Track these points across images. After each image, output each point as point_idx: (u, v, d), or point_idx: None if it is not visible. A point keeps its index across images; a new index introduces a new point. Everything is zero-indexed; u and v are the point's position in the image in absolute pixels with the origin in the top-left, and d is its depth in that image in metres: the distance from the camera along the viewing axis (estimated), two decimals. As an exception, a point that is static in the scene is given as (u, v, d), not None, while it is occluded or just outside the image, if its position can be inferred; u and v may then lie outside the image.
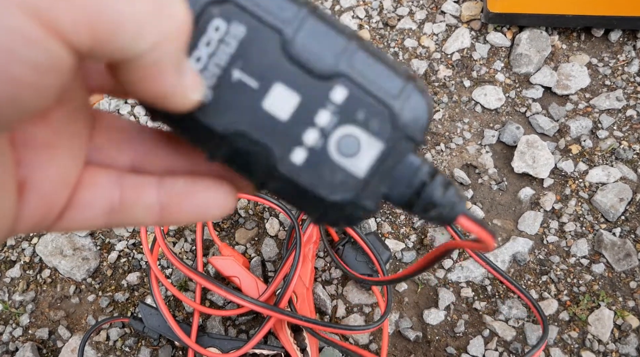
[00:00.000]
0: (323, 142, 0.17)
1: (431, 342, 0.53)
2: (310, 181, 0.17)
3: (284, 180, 0.17)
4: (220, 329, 0.54)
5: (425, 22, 0.68)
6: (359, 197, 0.17)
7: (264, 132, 0.17)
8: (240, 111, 0.17)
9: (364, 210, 0.17)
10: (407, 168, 0.17)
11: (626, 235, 0.56)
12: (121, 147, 0.20)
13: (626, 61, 0.64)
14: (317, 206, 0.17)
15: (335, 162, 0.17)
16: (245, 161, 0.17)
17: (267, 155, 0.17)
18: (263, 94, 0.16)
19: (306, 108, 0.17)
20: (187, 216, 0.19)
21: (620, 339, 0.52)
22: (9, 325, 0.55)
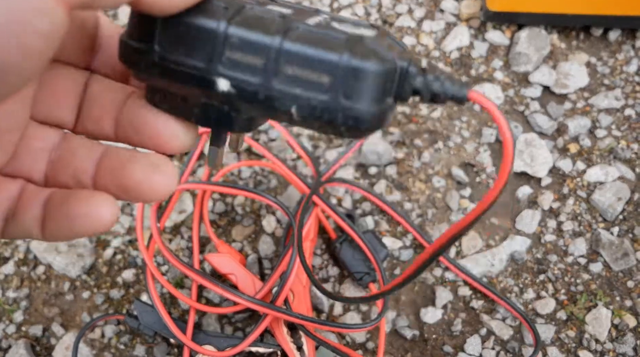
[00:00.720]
0: (328, 20, 0.18)
1: (428, 340, 0.53)
2: (330, 28, 0.17)
3: (303, 28, 0.17)
4: (217, 327, 0.53)
5: (424, 20, 0.68)
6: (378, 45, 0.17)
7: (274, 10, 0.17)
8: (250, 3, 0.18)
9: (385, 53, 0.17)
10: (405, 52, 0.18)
11: (624, 234, 0.56)
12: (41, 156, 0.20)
13: (625, 60, 0.64)
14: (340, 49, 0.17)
15: (343, 29, 0.17)
16: (260, 23, 0.17)
17: (282, 18, 0.17)
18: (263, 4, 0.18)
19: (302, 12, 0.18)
20: (59, 230, 0.18)
21: (617, 339, 0.52)
22: (2, 322, 0.55)
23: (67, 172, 0.20)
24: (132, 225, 0.58)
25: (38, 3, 0.13)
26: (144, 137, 0.19)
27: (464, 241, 0.57)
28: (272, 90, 0.17)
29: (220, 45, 0.17)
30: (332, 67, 0.17)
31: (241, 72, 0.17)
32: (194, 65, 0.17)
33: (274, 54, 0.16)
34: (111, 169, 0.19)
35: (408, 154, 0.61)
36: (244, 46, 0.17)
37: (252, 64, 0.17)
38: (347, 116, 0.17)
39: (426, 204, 0.58)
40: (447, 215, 0.58)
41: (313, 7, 0.19)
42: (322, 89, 0.17)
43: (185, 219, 0.59)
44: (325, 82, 0.17)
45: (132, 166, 0.18)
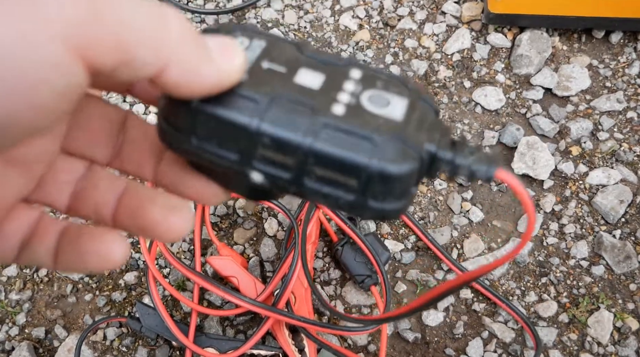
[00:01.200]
0: (356, 100, 0.18)
1: (430, 343, 0.53)
2: (356, 123, 0.17)
3: (330, 128, 0.17)
4: (218, 330, 0.53)
5: (425, 23, 0.68)
6: (406, 137, 0.17)
7: (302, 95, 0.18)
8: (277, 84, 0.18)
9: (414, 151, 0.17)
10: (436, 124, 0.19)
11: (626, 237, 0.56)
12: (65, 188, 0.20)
13: (627, 63, 0.64)
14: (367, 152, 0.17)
15: (372, 112, 0.18)
16: (288, 122, 0.17)
17: (311, 112, 0.17)
18: (292, 75, 0.18)
19: (332, 81, 0.18)
20: (72, 262, 0.19)
21: (619, 342, 0.52)
22: (5, 324, 0.55)
23: (89, 206, 0.20)
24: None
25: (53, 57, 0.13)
26: (183, 190, 0.20)
27: (466, 244, 0.57)
28: (303, 187, 0.18)
29: (254, 143, 0.17)
30: (361, 171, 0.17)
31: (274, 168, 0.18)
32: (228, 158, 0.18)
33: (304, 155, 0.17)
34: (130, 208, 0.19)
35: (410, 156, 0.61)
36: (276, 145, 0.17)
37: (284, 162, 0.17)
38: (374, 213, 0.18)
39: (428, 207, 0.58)
40: (449, 218, 0.58)
41: (342, 61, 0.19)
42: (350, 190, 0.17)
43: (187, 222, 0.59)
44: (353, 184, 0.17)
45: (151, 207, 0.19)
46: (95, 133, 0.20)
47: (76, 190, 0.20)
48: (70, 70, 0.13)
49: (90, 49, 0.13)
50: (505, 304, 0.52)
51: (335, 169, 0.17)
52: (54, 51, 0.13)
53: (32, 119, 0.14)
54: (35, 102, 0.13)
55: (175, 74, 0.15)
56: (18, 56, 0.12)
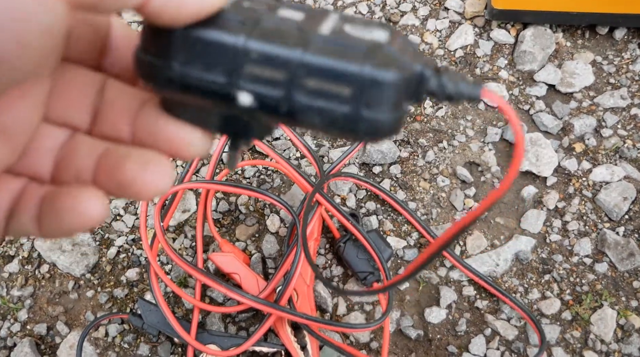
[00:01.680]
0: (339, 28, 0.18)
1: (432, 340, 0.53)
2: (347, 35, 0.17)
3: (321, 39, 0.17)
4: (220, 326, 0.53)
5: (428, 19, 0.67)
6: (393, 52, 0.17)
7: (287, 20, 0.17)
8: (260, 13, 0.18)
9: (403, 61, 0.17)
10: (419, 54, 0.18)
11: (630, 234, 0.55)
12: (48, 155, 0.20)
13: (631, 59, 0.64)
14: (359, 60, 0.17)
15: (357, 35, 0.18)
16: (278, 36, 0.17)
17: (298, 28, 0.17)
18: (274, 11, 0.18)
19: (313, 17, 0.18)
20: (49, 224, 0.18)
21: (623, 339, 0.52)
22: (7, 320, 0.55)
23: (70, 171, 0.20)
24: (135, 224, 0.58)
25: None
26: (160, 144, 0.19)
27: (469, 241, 0.56)
28: (294, 103, 0.17)
29: (241, 60, 0.17)
30: (354, 78, 0.17)
31: (263, 86, 0.17)
32: (214, 80, 0.17)
33: (295, 67, 0.17)
34: (107, 167, 0.19)
35: (412, 153, 0.61)
36: (265, 60, 0.17)
37: (274, 78, 0.17)
38: (369, 125, 0.18)
39: (431, 203, 0.58)
40: (451, 214, 0.58)
41: (320, 8, 0.19)
42: (344, 101, 0.17)
43: (188, 218, 0.59)
44: (346, 93, 0.17)
45: (126, 163, 0.18)
46: (75, 99, 0.20)
47: (58, 158, 0.20)
48: (56, 7, 0.13)
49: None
50: (508, 299, 0.52)
51: (329, 78, 0.17)
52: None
53: (20, 58, 0.14)
54: (22, 39, 0.13)
55: (160, 1, 0.15)
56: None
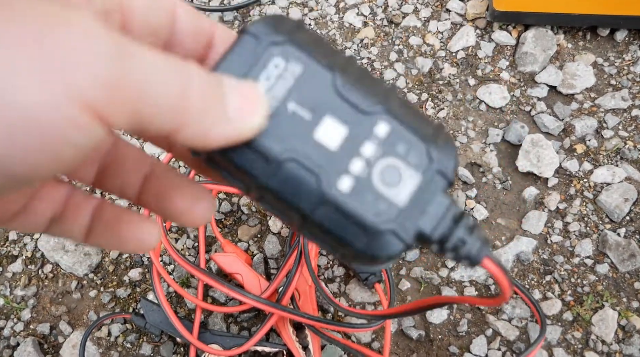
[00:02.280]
0: (368, 172, 0.18)
1: (434, 341, 0.53)
2: (355, 207, 0.18)
3: (330, 206, 0.18)
4: (222, 326, 0.53)
5: (430, 20, 0.68)
6: (400, 226, 0.18)
7: (314, 159, 0.18)
8: (295, 139, 0.18)
9: (402, 241, 0.18)
10: (440, 204, 0.19)
11: (631, 235, 0.56)
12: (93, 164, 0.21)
13: (632, 61, 0.64)
14: (358, 235, 0.18)
15: (379, 191, 0.18)
16: (293, 189, 0.18)
17: (317, 182, 0.18)
18: (315, 125, 0.18)
19: (353, 139, 0.18)
20: (107, 243, 0.20)
21: (624, 340, 0.52)
22: (11, 320, 0.55)
23: (114, 183, 0.21)
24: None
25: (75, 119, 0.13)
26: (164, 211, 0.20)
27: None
28: (299, 232, 0.20)
29: (262, 190, 0.18)
30: (348, 247, 0.18)
31: (276, 210, 0.19)
32: (236, 185, 0.19)
33: (303, 217, 0.18)
34: (156, 192, 0.20)
35: (414, 154, 0.61)
36: (280, 202, 0.18)
37: (288, 214, 0.19)
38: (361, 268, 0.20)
39: (432, 204, 0.58)
40: (453, 215, 0.58)
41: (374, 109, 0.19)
42: (339, 252, 0.19)
43: (191, 219, 0.59)
44: (342, 250, 0.19)
45: (177, 195, 0.20)
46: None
47: (103, 165, 0.21)
48: (90, 130, 0.14)
49: (107, 112, 0.14)
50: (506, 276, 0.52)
51: (328, 237, 0.18)
52: (75, 115, 0.13)
53: (53, 170, 0.14)
54: (59, 157, 0.14)
55: (189, 135, 0.16)
56: (44, 120, 0.13)
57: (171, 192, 0.20)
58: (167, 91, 0.15)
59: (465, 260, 0.19)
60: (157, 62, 0.15)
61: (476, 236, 0.19)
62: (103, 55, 0.14)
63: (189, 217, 0.20)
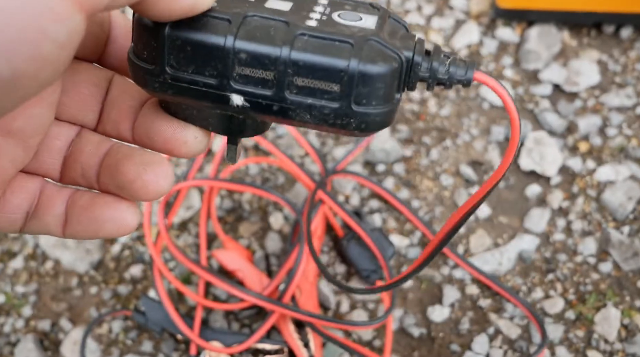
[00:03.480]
0: (327, 16, 0.18)
1: (435, 339, 0.53)
2: (332, 30, 0.17)
3: (307, 36, 0.17)
4: (223, 323, 0.53)
5: (433, 17, 0.67)
6: (382, 41, 0.17)
7: (275, 14, 0.17)
8: (247, 7, 0.18)
9: (392, 51, 0.17)
10: (409, 36, 0.18)
11: (634, 234, 0.55)
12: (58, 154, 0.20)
13: (637, 58, 0.64)
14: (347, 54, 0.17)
15: (345, 24, 0.18)
16: (264, 35, 0.17)
17: (285, 25, 0.17)
18: (261, 2, 0.18)
19: (301, 5, 0.18)
20: (84, 230, 0.19)
21: (627, 339, 0.51)
22: (11, 316, 0.55)
23: (76, 170, 0.20)
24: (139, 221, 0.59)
25: (55, 9, 0.13)
26: (158, 143, 0.20)
27: (472, 239, 0.56)
28: (285, 101, 0.17)
29: (230, 62, 0.17)
30: (341, 75, 0.17)
31: (253, 86, 0.17)
32: (205, 82, 0.17)
33: (283, 66, 0.17)
34: (110, 167, 0.19)
35: (416, 151, 0.61)
36: (253, 61, 0.17)
37: (263, 77, 0.17)
38: (360, 120, 0.18)
39: (434, 202, 0.58)
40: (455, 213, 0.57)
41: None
42: (333, 97, 0.17)
43: (192, 216, 0.59)
44: (335, 89, 0.17)
45: (126, 164, 0.19)
46: (84, 97, 0.21)
47: (66, 156, 0.20)
48: (71, 19, 0.13)
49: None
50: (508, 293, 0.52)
51: (316, 76, 0.17)
52: (54, 3, 0.13)
53: (36, 72, 0.14)
54: (39, 54, 0.13)
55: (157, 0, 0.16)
56: (22, 11, 0.12)
57: (120, 162, 0.19)
58: None
59: (459, 79, 0.18)
60: None
61: (457, 57, 0.18)
62: None
63: (141, 184, 0.18)
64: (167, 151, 0.20)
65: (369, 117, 0.17)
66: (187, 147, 0.20)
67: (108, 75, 0.21)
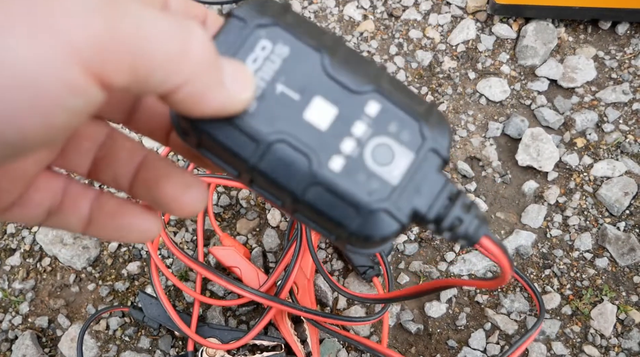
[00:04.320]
0: (359, 151, 0.18)
1: (432, 335, 0.53)
2: (348, 186, 0.17)
3: (321, 187, 0.18)
4: (221, 320, 0.53)
5: (430, 13, 0.67)
6: (394, 205, 0.18)
7: (304, 140, 0.17)
8: (284, 120, 0.18)
9: (397, 221, 0.18)
10: (435, 182, 0.18)
11: (630, 229, 0.55)
12: (87, 155, 0.20)
13: (633, 54, 0.64)
14: (352, 215, 0.18)
15: (371, 170, 0.18)
16: (284, 171, 0.18)
17: (308, 163, 0.17)
18: (304, 106, 0.18)
19: (343, 119, 0.18)
20: (108, 234, 0.20)
21: (622, 334, 0.52)
22: (9, 313, 0.55)
23: (108, 175, 0.21)
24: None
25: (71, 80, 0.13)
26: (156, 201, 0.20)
27: (469, 235, 0.56)
28: (292, 213, 0.19)
29: (250, 173, 0.18)
30: (342, 228, 0.18)
31: (269, 194, 0.19)
32: (229, 171, 0.19)
33: (295, 200, 0.18)
34: (146, 181, 0.20)
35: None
36: (270, 186, 0.18)
37: (278, 196, 0.18)
38: (354, 250, 0.19)
39: (431, 198, 0.58)
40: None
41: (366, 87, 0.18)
42: (333, 234, 0.19)
43: (190, 212, 0.59)
44: (336, 232, 0.18)
45: (166, 183, 0.19)
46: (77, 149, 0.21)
47: (97, 157, 0.20)
48: (87, 92, 0.13)
49: (106, 68, 0.13)
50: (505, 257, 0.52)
51: (321, 219, 0.18)
52: (70, 74, 0.13)
53: (45, 136, 0.14)
54: (51, 122, 0.13)
55: (186, 95, 0.15)
56: (36, 79, 0.12)
57: (160, 180, 0.19)
58: (167, 47, 0.14)
59: (463, 240, 0.18)
60: (155, 17, 0.14)
61: (474, 215, 0.18)
62: (95, 8, 0.13)
63: (178, 205, 0.19)
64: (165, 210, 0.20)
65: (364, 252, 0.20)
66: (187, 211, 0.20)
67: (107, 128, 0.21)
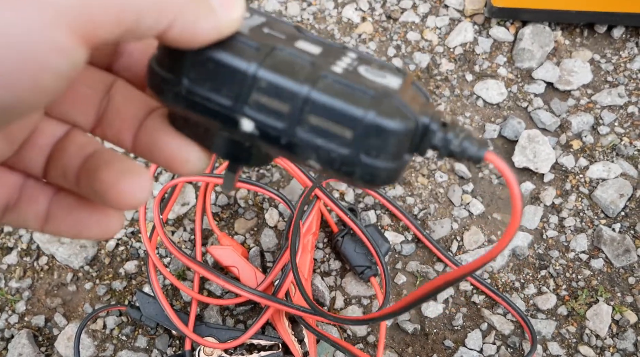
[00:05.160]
0: (353, 68, 0.18)
1: (429, 335, 0.53)
2: (355, 80, 0.17)
3: (331, 79, 0.17)
4: (218, 319, 0.53)
5: (428, 16, 0.68)
6: (402, 101, 0.17)
7: (302, 54, 0.18)
8: (277, 41, 0.18)
9: (409, 117, 0.17)
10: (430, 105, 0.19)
11: (626, 231, 0.56)
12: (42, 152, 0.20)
13: (629, 58, 0.64)
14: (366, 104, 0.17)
15: (369, 78, 0.17)
16: (289, 69, 0.17)
17: (311, 64, 0.17)
18: (292, 41, 0.18)
19: (330, 53, 0.19)
20: (66, 230, 0.19)
21: (618, 335, 0.52)
22: (5, 312, 0.55)
23: (58, 169, 0.20)
24: (135, 217, 0.59)
25: (59, 43, 0.13)
26: (159, 157, 0.19)
27: (466, 236, 0.57)
28: (294, 137, 0.17)
29: (249, 87, 0.17)
30: (357, 122, 0.17)
31: (266, 115, 0.17)
32: (220, 102, 0.17)
33: (301, 102, 0.17)
34: (88, 171, 0.19)
35: (411, 149, 0.61)
36: (272, 91, 0.17)
37: (278, 109, 0.17)
38: (366, 172, 0.18)
39: (429, 199, 0.58)
40: (449, 210, 0.58)
41: (340, 44, 0.19)
42: (344, 143, 0.17)
43: (187, 212, 0.59)
44: (347, 136, 0.17)
45: (104, 171, 0.18)
46: (80, 99, 0.20)
47: (50, 155, 0.20)
48: (74, 53, 0.14)
49: (94, 26, 0.13)
50: (501, 299, 0.52)
51: (331, 119, 0.17)
52: (57, 36, 0.13)
53: (34, 99, 0.14)
54: (40, 85, 0.13)
55: (178, 31, 0.16)
56: (23, 43, 0.13)
57: (99, 168, 0.18)
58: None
59: (468, 155, 0.18)
60: None
61: (473, 137, 0.18)
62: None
63: (116, 192, 0.18)
64: (167, 166, 0.19)
65: (374, 171, 0.17)
66: (187, 166, 0.19)
67: (108, 80, 0.21)
